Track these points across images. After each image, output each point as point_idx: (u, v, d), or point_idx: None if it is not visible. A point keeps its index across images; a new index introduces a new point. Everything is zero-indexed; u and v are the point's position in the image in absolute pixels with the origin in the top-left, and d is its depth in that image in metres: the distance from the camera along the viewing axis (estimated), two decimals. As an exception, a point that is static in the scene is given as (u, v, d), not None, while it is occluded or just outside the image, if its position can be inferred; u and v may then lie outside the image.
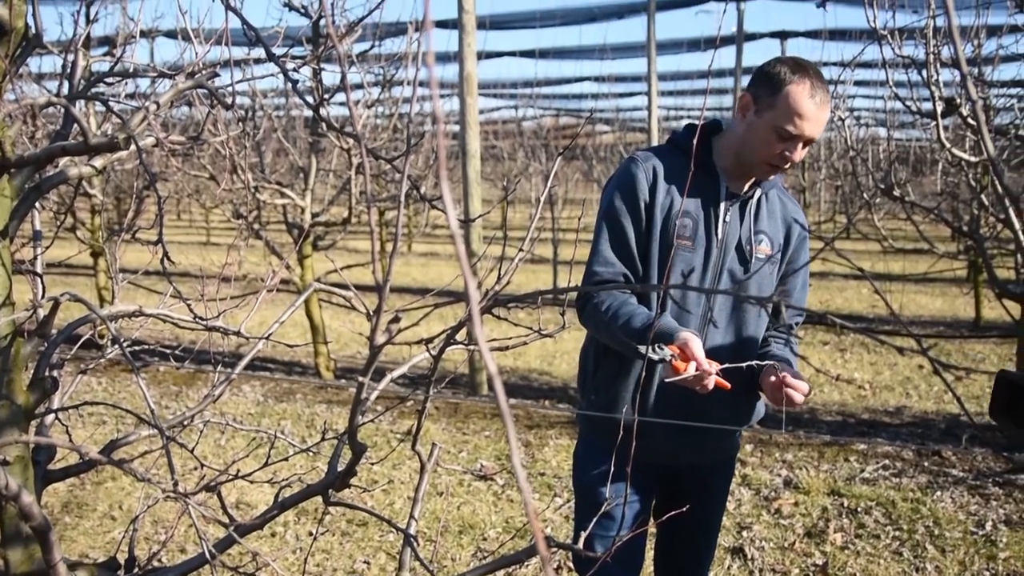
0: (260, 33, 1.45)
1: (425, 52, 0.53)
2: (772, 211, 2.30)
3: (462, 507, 4.53)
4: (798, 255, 2.33)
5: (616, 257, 2.23)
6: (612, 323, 2.15)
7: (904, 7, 4.85)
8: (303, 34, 6.52)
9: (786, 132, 2.09)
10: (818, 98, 2.08)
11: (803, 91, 2.07)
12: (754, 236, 2.25)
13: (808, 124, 2.08)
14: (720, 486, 2.53)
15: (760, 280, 2.26)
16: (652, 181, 2.22)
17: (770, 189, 2.31)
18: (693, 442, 2.31)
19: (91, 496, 4.68)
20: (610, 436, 2.27)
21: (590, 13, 12.91)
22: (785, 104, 2.08)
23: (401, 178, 0.98)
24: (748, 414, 2.40)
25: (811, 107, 2.07)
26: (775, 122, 2.09)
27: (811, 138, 2.12)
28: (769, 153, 2.13)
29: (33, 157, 1.36)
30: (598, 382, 2.34)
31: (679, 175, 2.23)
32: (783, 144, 2.11)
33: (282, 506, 1.46)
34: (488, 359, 0.50)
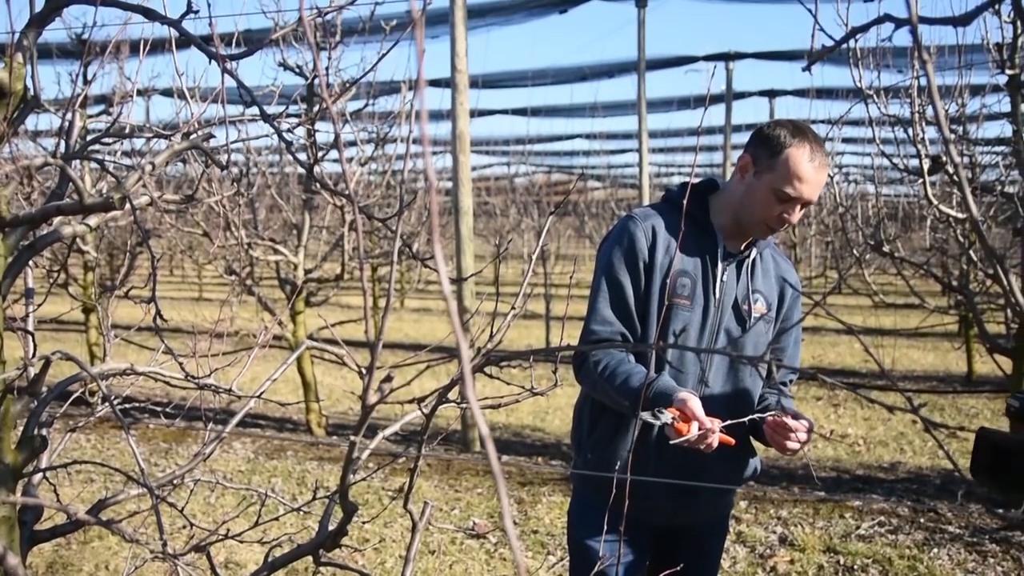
0: (255, 93, 1.47)
1: (419, 111, 0.55)
2: (767, 270, 2.33)
3: (454, 566, 4.46)
4: (791, 313, 2.35)
5: (615, 316, 2.23)
6: (609, 383, 2.15)
7: (889, 67, 4.95)
8: (298, 93, 6.60)
9: (785, 195, 2.12)
10: (817, 161, 2.11)
11: (803, 155, 2.10)
12: (751, 295, 2.27)
13: (807, 187, 2.11)
14: (715, 546, 2.52)
15: (756, 339, 2.27)
16: (652, 240, 2.22)
17: (764, 248, 2.34)
18: (690, 502, 2.30)
19: (77, 556, 4.60)
20: (606, 495, 2.25)
21: (581, 72, 13.10)
22: (785, 167, 2.11)
23: (394, 236, 0.99)
24: (744, 471, 2.40)
25: (810, 171, 2.10)
26: (774, 184, 2.12)
27: (809, 201, 2.14)
28: (767, 215, 2.16)
29: (28, 217, 1.37)
30: (594, 441, 2.32)
31: (676, 233, 2.23)
32: (782, 206, 2.14)
33: (272, 567, 1.44)
34: (480, 420, 0.50)
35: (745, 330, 2.25)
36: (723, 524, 2.55)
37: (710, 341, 2.24)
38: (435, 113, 12.62)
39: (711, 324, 2.23)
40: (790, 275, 2.37)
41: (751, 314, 2.25)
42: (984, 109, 5.54)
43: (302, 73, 6.58)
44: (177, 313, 11.74)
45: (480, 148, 19.67)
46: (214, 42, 1.41)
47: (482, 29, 10.51)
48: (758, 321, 2.27)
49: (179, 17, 1.43)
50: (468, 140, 6.65)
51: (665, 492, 2.21)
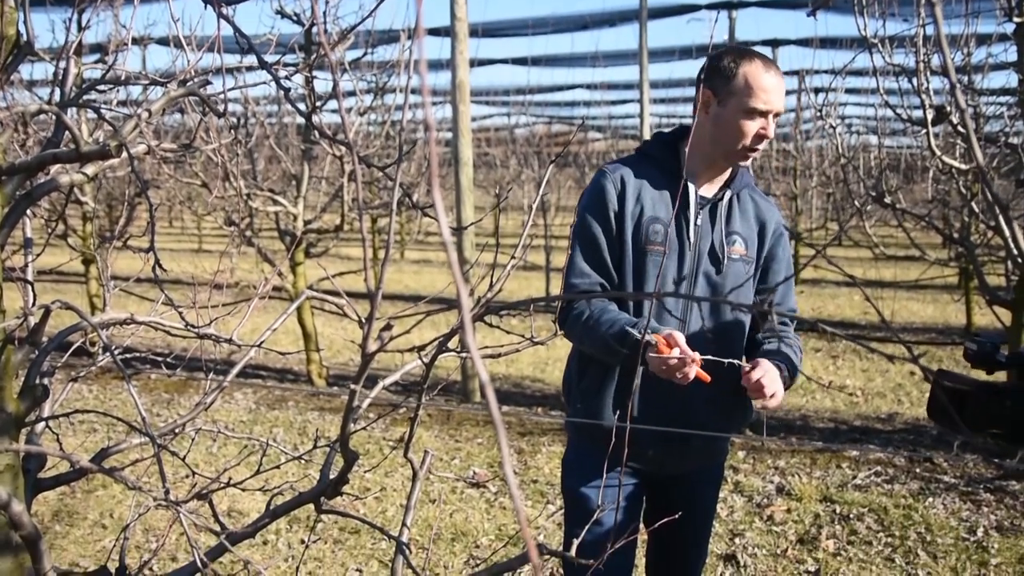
0: (252, 41, 1.45)
1: (418, 60, 0.54)
2: (745, 211, 2.33)
3: (455, 514, 4.52)
4: (775, 251, 2.36)
5: (591, 268, 2.27)
6: (596, 328, 2.18)
7: (894, 16, 4.88)
8: (295, 42, 6.52)
9: (754, 110, 2.15)
10: (772, 70, 2.17)
11: (757, 68, 2.15)
12: (727, 237, 2.28)
13: (773, 95, 2.15)
14: (709, 492, 2.54)
15: (736, 280, 2.28)
16: (621, 190, 2.26)
17: (741, 189, 2.34)
18: (679, 448, 2.32)
19: (81, 504, 4.66)
20: (596, 443, 2.30)
21: (582, 21, 12.93)
22: (745, 85, 2.15)
23: (394, 185, 0.98)
24: (735, 418, 2.41)
25: (768, 79, 2.15)
26: (741, 105, 2.15)
27: (778, 110, 2.18)
28: (744, 137, 2.18)
29: (24, 165, 1.36)
30: (582, 390, 2.36)
31: (647, 182, 2.28)
32: (755, 123, 2.17)
33: (274, 514, 1.45)
34: (480, 367, 0.50)
35: (719, 271, 2.26)
36: (718, 471, 2.56)
37: (688, 286, 2.26)
38: (434, 62, 12.48)
39: (688, 269, 2.25)
40: (770, 213, 2.36)
41: (729, 256, 2.27)
42: (990, 59, 5.47)
43: (299, 21, 6.49)
44: (177, 264, 11.71)
45: (480, 98, 19.48)
46: (209, -13, 1.38)
47: (482, -24, 10.36)
48: (736, 262, 2.27)
49: (173, -39, 1.41)
50: (468, 90, 6.58)
51: (652, 439, 2.24)
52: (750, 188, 2.37)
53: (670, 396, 2.18)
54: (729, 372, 2.13)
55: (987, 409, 1.46)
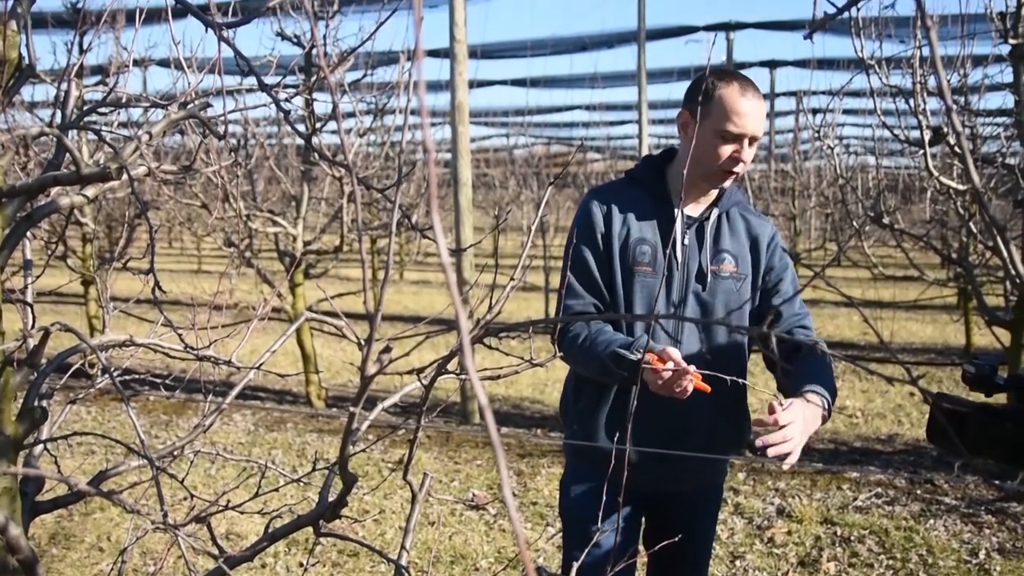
0: (252, 63, 1.46)
1: (417, 81, 0.54)
2: (734, 229, 2.33)
3: (454, 537, 4.49)
4: (773, 263, 2.35)
5: (584, 290, 2.30)
6: (592, 350, 2.19)
7: (891, 37, 4.91)
8: (296, 63, 6.56)
9: (729, 133, 2.16)
10: (749, 94, 2.17)
11: (735, 92, 2.16)
12: (716, 256, 2.29)
13: (748, 119, 2.15)
14: (708, 512, 2.53)
15: (727, 297, 2.28)
16: (607, 212, 2.29)
17: (730, 207, 2.34)
18: (675, 467, 2.30)
19: (79, 527, 4.63)
20: (592, 464, 2.32)
21: (580, 42, 13.02)
22: (721, 108, 2.16)
23: (393, 207, 0.98)
24: (734, 438, 2.39)
25: (745, 104, 2.15)
26: (716, 127, 2.17)
27: (754, 135, 2.18)
28: (719, 159, 2.19)
29: (25, 187, 1.36)
30: (579, 411, 2.37)
31: (634, 204, 2.31)
32: (730, 146, 2.17)
33: (272, 537, 1.45)
34: (479, 390, 0.50)
35: (706, 288, 2.27)
36: (716, 491, 2.54)
37: (678, 306, 2.27)
38: (434, 84, 12.53)
39: (677, 288, 2.27)
40: (762, 228, 2.36)
41: (719, 274, 2.27)
42: (986, 80, 5.50)
43: (300, 43, 6.53)
44: (176, 285, 11.74)
45: (479, 119, 19.59)
46: (211, 11, 1.39)
47: (481, -1, 10.42)
48: (726, 280, 2.28)
49: (175, -15, 1.41)
50: (467, 111, 6.61)
51: (649, 458, 2.24)
52: (740, 206, 2.38)
53: (667, 415, 2.18)
54: (726, 390, 2.13)
55: (987, 431, 1.46)
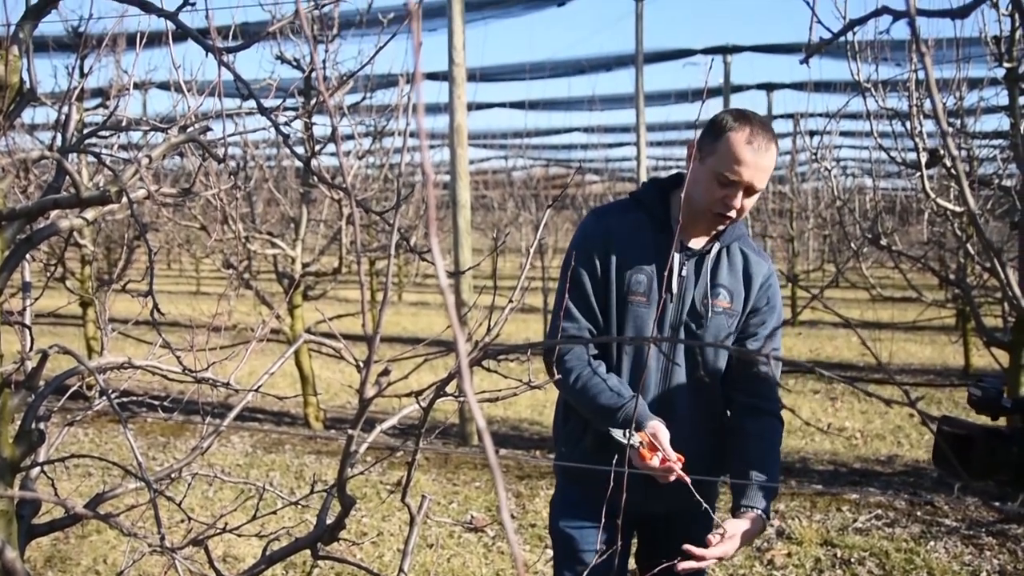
0: (252, 87, 1.47)
1: (416, 104, 0.54)
2: (733, 265, 2.27)
3: (452, 559, 4.47)
4: (760, 304, 2.28)
5: (579, 313, 2.27)
6: (583, 395, 2.19)
7: (887, 60, 4.94)
8: (295, 87, 6.59)
9: (724, 178, 2.09)
10: (756, 144, 2.08)
11: (742, 138, 2.08)
12: (711, 290, 2.23)
13: (747, 170, 2.08)
14: (702, 534, 2.45)
15: (717, 333, 2.23)
16: (607, 235, 2.25)
17: (731, 242, 2.28)
18: (659, 489, 2.24)
19: (75, 550, 4.60)
20: (579, 486, 2.33)
21: (579, 65, 13.09)
22: (724, 150, 2.09)
23: (392, 229, 0.99)
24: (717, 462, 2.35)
25: (749, 153, 2.07)
26: (715, 168, 2.10)
27: (752, 185, 2.11)
28: (711, 199, 2.13)
29: (25, 210, 1.37)
30: (566, 434, 2.36)
31: (635, 229, 2.25)
32: (724, 191, 2.11)
33: (270, 560, 1.44)
34: (477, 413, 0.50)
35: (700, 325, 2.22)
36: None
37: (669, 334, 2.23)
38: (433, 106, 12.57)
39: (670, 320, 2.23)
40: (759, 267, 2.28)
41: (713, 309, 2.21)
42: (982, 102, 5.54)
43: (299, 66, 6.56)
44: (175, 307, 11.77)
45: (478, 141, 19.65)
46: (211, 35, 1.40)
47: (480, 22, 10.49)
48: (720, 315, 2.22)
49: (176, 10, 1.43)
50: (466, 133, 6.64)
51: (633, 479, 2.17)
52: (742, 241, 2.32)
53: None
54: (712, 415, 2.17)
55: (993, 455, 1.45)
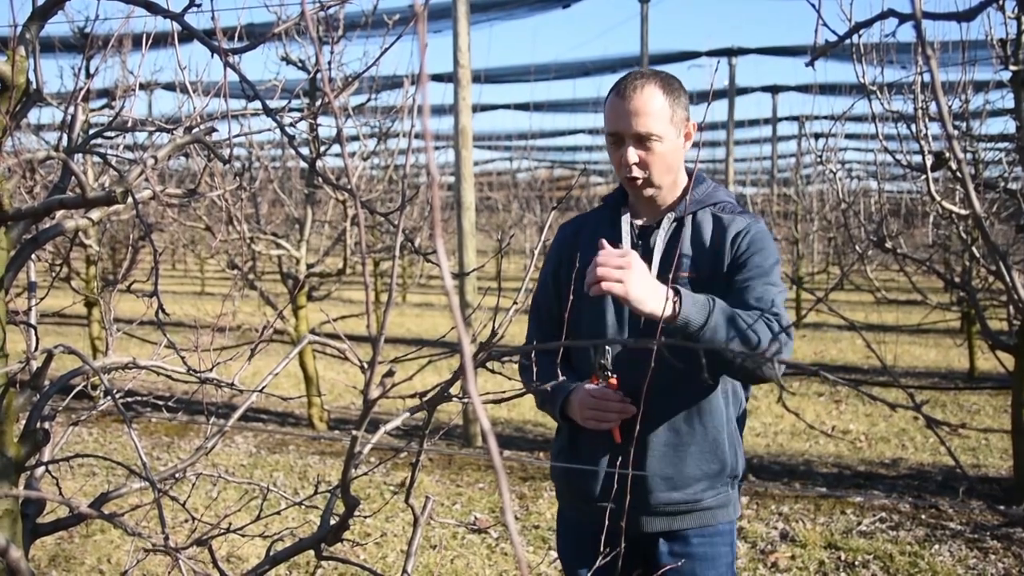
0: (258, 88, 1.47)
1: (421, 105, 0.55)
2: (699, 231, 2.13)
3: (456, 560, 4.47)
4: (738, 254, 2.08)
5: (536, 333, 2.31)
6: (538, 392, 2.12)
7: (892, 63, 4.94)
8: (301, 88, 6.60)
9: (610, 138, 2.09)
10: (620, 90, 2.04)
11: (613, 93, 2.07)
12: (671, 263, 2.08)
13: (620, 119, 2.03)
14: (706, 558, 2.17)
15: None
16: (574, 238, 2.25)
17: (698, 209, 2.14)
18: (636, 499, 2.07)
19: (79, 550, 4.61)
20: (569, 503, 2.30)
21: (583, 67, 13.10)
22: (605, 113, 2.10)
23: (396, 230, 0.99)
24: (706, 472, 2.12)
25: (617, 101, 2.04)
26: (605, 133, 2.11)
27: (636, 133, 2.02)
28: (616, 166, 2.11)
29: (31, 210, 1.37)
30: (556, 449, 2.30)
31: (595, 227, 2.23)
32: (617, 152, 2.08)
33: (274, 560, 1.44)
34: (482, 415, 0.50)
35: None
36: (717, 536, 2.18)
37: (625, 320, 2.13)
38: (437, 108, 12.61)
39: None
40: (733, 224, 2.11)
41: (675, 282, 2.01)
42: (987, 105, 5.53)
43: (304, 67, 6.58)
44: (179, 307, 11.75)
45: (482, 143, 19.67)
46: (217, 36, 1.40)
47: (485, 24, 10.50)
48: (684, 286, 2.01)
49: (182, 11, 1.43)
50: (470, 135, 6.64)
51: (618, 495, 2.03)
52: (719, 207, 2.16)
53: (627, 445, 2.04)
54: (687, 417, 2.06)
55: None
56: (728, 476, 2.15)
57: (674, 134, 2.08)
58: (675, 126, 2.07)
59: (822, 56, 1.24)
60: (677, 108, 2.07)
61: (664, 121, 2.03)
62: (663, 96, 2.04)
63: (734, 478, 2.18)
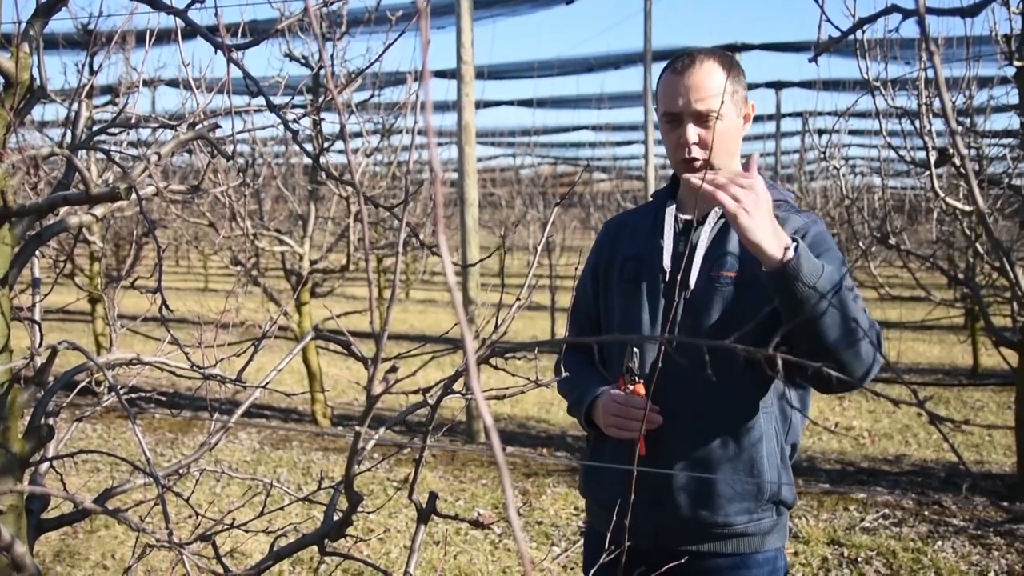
0: (261, 84, 1.47)
1: (424, 101, 0.55)
2: None
3: (459, 556, 4.48)
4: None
5: (574, 318, 2.21)
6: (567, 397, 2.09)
7: (896, 59, 4.92)
8: (304, 84, 6.60)
9: (667, 117, 1.95)
10: (679, 66, 1.94)
11: (668, 71, 1.96)
12: (716, 261, 1.96)
13: (680, 96, 1.91)
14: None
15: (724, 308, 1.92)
16: (613, 237, 2.15)
17: None
18: (667, 515, 1.95)
19: (83, 545, 4.62)
20: (593, 512, 2.14)
21: (587, 63, 13.08)
22: (659, 92, 1.98)
23: (399, 226, 0.99)
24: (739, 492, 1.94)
25: (674, 78, 1.93)
26: (660, 116, 1.99)
27: (696, 111, 1.91)
28: (671, 149, 1.98)
29: (35, 207, 1.37)
30: (586, 453, 2.17)
31: (639, 221, 2.14)
32: (675, 133, 1.95)
33: (277, 556, 1.44)
34: (484, 411, 0.50)
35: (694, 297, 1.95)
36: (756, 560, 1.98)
37: (665, 318, 1.98)
38: (441, 104, 12.60)
39: (663, 300, 1.98)
40: (790, 224, 1.94)
41: (716, 281, 1.93)
42: (992, 101, 5.52)
43: (308, 64, 6.57)
44: (183, 303, 11.75)
45: (485, 139, 19.66)
46: (220, 32, 1.41)
47: (488, 20, 10.49)
48: (726, 287, 1.92)
49: (185, 7, 1.43)
50: (473, 131, 6.64)
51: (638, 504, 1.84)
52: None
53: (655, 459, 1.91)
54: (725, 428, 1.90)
55: None
56: (769, 501, 1.95)
57: (734, 114, 1.97)
58: (735, 105, 1.97)
59: (826, 52, 1.24)
60: (737, 86, 1.97)
61: (725, 98, 1.93)
62: (723, 72, 1.93)
63: (778, 504, 1.97)
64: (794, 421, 2.03)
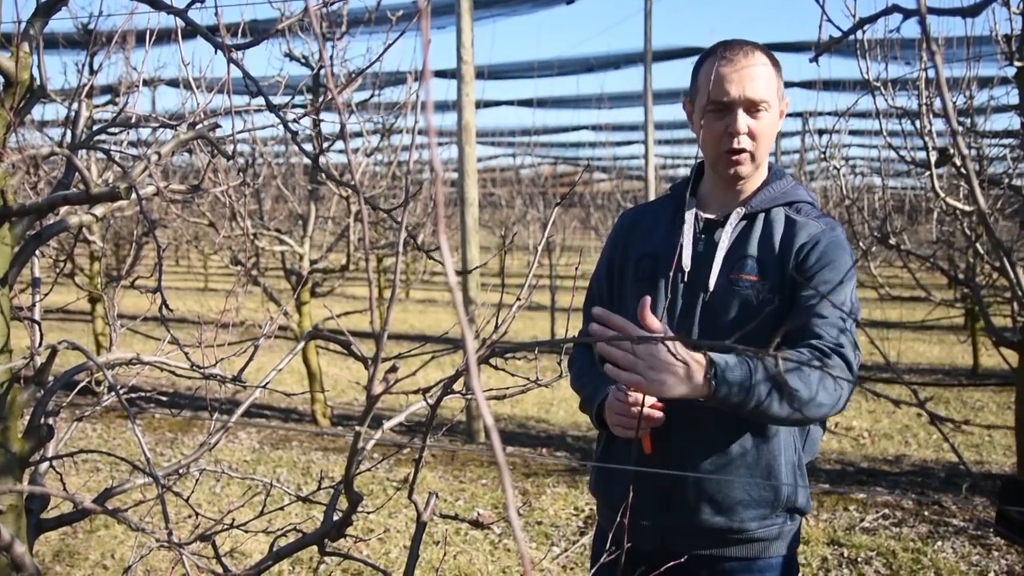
0: (261, 84, 1.47)
1: (424, 101, 0.55)
2: (770, 231, 1.93)
3: (459, 556, 4.48)
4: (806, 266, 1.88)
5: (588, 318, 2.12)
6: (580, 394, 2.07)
7: (896, 59, 4.92)
8: (304, 84, 6.61)
9: (715, 104, 1.89)
10: (729, 54, 1.89)
11: (714, 58, 1.91)
12: (736, 263, 1.92)
13: (733, 84, 1.87)
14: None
15: (742, 312, 1.89)
16: (631, 228, 2.10)
17: (771, 207, 1.96)
18: (677, 518, 1.94)
19: (83, 545, 4.62)
20: (602, 511, 2.11)
21: (587, 63, 13.08)
22: (704, 79, 1.92)
23: (399, 226, 0.99)
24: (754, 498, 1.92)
25: (726, 65, 1.88)
26: (702, 104, 1.93)
27: (748, 99, 1.87)
28: (716, 139, 1.91)
29: (35, 206, 1.37)
30: (598, 454, 2.12)
31: (657, 217, 2.09)
32: (723, 121, 1.89)
33: (277, 556, 1.44)
34: (484, 411, 0.50)
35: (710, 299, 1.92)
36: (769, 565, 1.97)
37: (681, 317, 1.95)
38: (441, 104, 12.60)
39: (682, 299, 1.95)
40: (804, 229, 1.91)
41: (736, 284, 1.89)
42: (992, 101, 5.52)
43: (308, 63, 6.58)
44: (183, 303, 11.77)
45: (486, 139, 19.66)
46: (220, 32, 1.41)
47: (488, 20, 10.49)
48: (745, 291, 1.88)
49: (185, 7, 1.43)
50: (474, 131, 6.64)
51: (648, 506, 1.92)
52: (794, 207, 1.97)
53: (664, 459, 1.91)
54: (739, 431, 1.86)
55: None
56: (784, 507, 1.95)
57: (776, 108, 1.94)
58: (778, 98, 1.95)
59: (826, 52, 1.24)
60: (780, 79, 1.95)
61: (772, 90, 1.91)
62: (770, 64, 1.92)
63: (792, 510, 1.98)
64: (813, 435, 2.03)
